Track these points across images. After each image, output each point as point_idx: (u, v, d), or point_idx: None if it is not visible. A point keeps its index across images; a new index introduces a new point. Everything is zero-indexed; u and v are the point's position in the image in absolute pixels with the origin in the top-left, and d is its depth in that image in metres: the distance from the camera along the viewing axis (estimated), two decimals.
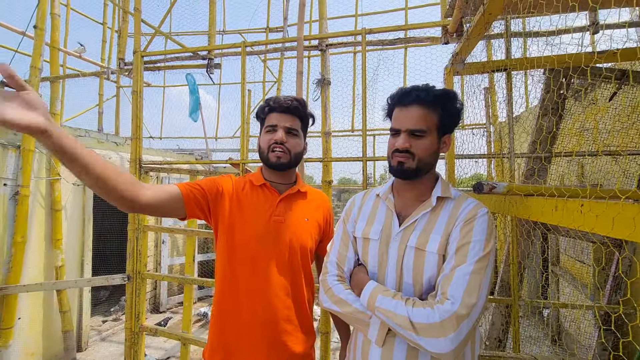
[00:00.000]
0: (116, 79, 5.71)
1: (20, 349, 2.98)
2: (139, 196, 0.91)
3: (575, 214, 0.64)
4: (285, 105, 1.16)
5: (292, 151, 1.16)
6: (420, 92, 0.92)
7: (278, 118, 1.16)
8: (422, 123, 0.90)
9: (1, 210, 2.85)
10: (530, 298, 3.08)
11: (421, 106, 0.91)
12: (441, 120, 0.92)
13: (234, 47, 2.45)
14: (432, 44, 5.21)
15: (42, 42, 3.23)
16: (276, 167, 1.15)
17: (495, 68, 1.60)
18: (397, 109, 0.96)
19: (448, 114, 0.93)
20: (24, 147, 3.02)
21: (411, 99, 0.92)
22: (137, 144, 2.45)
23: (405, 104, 0.93)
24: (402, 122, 0.93)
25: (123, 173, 0.89)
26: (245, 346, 1.09)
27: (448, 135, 0.96)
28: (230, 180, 1.21)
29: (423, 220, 0.92)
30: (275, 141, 1.13)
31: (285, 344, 1.10)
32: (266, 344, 1.09)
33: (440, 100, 0.92)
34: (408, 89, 0.94)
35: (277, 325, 1.09)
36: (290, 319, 1.12)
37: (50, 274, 3.29)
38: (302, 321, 1.15)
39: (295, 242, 1.13)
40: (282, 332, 1.10)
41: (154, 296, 4.86)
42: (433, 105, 0.91)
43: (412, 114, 0.91)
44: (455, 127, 0.99)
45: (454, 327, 0.74)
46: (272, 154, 1.14)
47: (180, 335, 2.39)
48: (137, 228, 2.44)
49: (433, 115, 0.91)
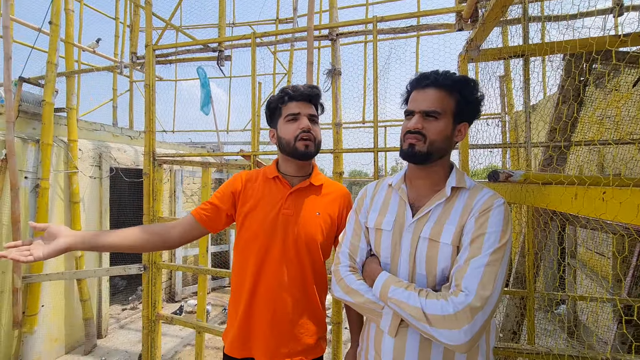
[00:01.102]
0: (129, 74, 5.78)
1: (45, 335, 3.12)
2: (169, 241, 1.13)
3: (597, 202, 0.62)
4: (307, 93, 1.15)
5: (317, 139, 1.16)
6: (439, 75, 0.91)
7: (299, 106, 1.14)
8: (437, 105, 0.89)
9: (23, 202, 2.95)
10: (546, 291, 3.02)
11: (438, 89, 0.90)
12: (458, 106, 0.90)
13: (243, 39, 2.44)
14: (445, 31, 5.07)
15: (57, 37, 3.29)
16: (304, 156, 1.13)
17: (512, 54, 1.54)
18: (415, 92, 0.94)
19: (466, 101, 0.90)
20: (42, 141, 3.10)
21: (429, 82, 0.91)
22: (150, 137, 2.49)
23: (422, 86, 0.92)
24: (417, 103, 0.91)
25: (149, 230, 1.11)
26: (257, 337, 1.12)
27: (465, 123, 0.93)
28: (240, 178, 1.23)
29: (437, 211, 0.91)
30: (303, 129, 1.11)
31: (294, 336, 1.11)
32: (276, 335, 1.10)
33: (458, 85, 0.90)
34: (428, 72, 0.93)
35: (284, 317, 1.11)
36: (298, 311, 1.12)
37: (71, 264, 3.41)
38: (312, 313, 1.16)
39: (303, 236, 1.13)
40: (290, 323, 1.11)
41: (169, 286, 4.99)
42: (450, 89, 0.89)
43: (428, 96, 0.90)
44: (474, 117, 0.96)
45: (468, 319, 0.73)
46: (301, 143, 1.11)
47: (195, 324, 2.45)
48: (152, 220, 2.49)
49: (450, 100, 0.89)
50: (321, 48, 5.67)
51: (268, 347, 1.10)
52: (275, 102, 1.18)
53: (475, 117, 0.96)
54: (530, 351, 1.44)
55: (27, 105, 3.32)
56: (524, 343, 1.62)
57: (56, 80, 3.36)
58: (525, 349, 1.45)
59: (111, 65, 4.46)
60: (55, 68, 3.29)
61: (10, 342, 2.87)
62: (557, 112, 1.64)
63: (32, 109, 3.35)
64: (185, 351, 3.48)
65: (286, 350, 1.10)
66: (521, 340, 1.94)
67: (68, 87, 3.54)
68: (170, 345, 3.57)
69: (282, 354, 1.10)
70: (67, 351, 3.36)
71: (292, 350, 1.11)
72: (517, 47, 1.55)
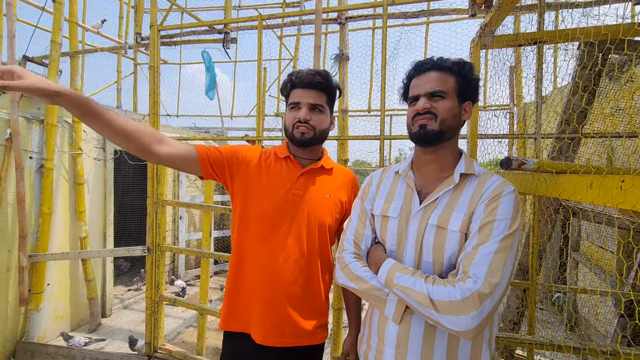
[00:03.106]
0: (133, 56, 5.73)
1: (50, 313, 3.18)
2: (159, 150, 1.00)
3: (614, 190, 0.60)
4: (307, 81, 1.12)
5: (317, 128, 1.14)
6: (436, 59, 0.94)
7: (301, 94, 1.13)
8: (441, 85, 0.90)
9: (28, 182, 2.96)
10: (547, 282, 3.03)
11: (438, 71, 0.92)
12: (459, 86, 0.92)
13: (250, 21, 2.39)
14: (456, 18, 4.95)
15: (61, 16, 3.24)
16: (301, 142, 1.13)
17: (526, 41, 1.50)
18: (415, 79, 0.96)
19: (465, 81, 0.92)
20: (47, 122, 3.10)
21: (428, 66, 0.93)
22: (154, 119, 2.47)
23: (423, 71, 0.94)
24: (420, 87, 0.93)
25: (145, 127, 0.99)
26: (253, 313, 1.10)
27: (469, 102, 0.94)
28: (257, 150, 1.21)
29: (445, 198, 0.89)
30: (299, 120, 1.11)
31: (291, 319, 1.10)
32: (272, 316, 1.09)
33: (456, 65, 0.92)
34: (423, 59, 0.97)
35: (283, 298, 1.09)
36: (298, 295, 1.10)
37: (75, 244, 3.44)
38: (313, 300, 1.14)
39: (313, 218, 1.12)
40: (289, 306, 1.09)
41: (172, 269, 5.06)
42: (450, 70, 0.92)
43: (431, 78, 0.92)
44: (475, 97, 0.97)
45: (477, 305, 0.73)
46: (297, 131, 1.12)
47: (198, 306, 2.48)
48: (156, 202, 2.49)
49: (451, 80, 0.92)
50: (328, 33, 5.56)
51: (264, 325, 1.08)
52: (283, 89, 1.19)
53: (476, 98, 0.97)
54: (531, 341, 1.45)
55: None
56: (524, 334, 1.63)
57: (60, 60, 3.32)
58: (526, 339, 1.46)
59: (115, 46, 4.41)
60: (59, 48, 3.25)
61: (17, 318, 2.93)
62: (569, 103, 1.60)
63: None
64: (187, 332, 3.54)
65: (279, 331, 1.09)
66: (521, 331, 1.95)
67: (72, 68, 3.51)
68: (173, 326, 3.64)
69: (276, 335, 1.08)
70: (73, 329, 3.43)
71: (287, 333, 1.09)
72: (531, 33, 1.50)
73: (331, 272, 1.22)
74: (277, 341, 1.09)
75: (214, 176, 1.15)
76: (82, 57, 5.26)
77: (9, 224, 2.85)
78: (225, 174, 1.15)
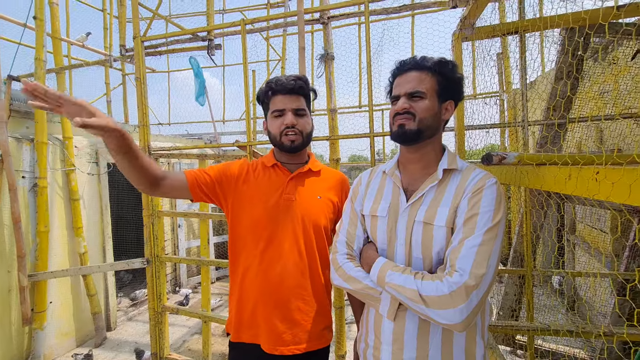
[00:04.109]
0: (121, 67, 5.69)
1: (55, 330, 3.18)
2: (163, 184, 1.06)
3: (590, 182, 0.61)
4: (290, 87, 1.13)
5: (304, 132, 1.16)
6: (418, 59, 0.95)
7: (284, 101, 1.14)
8: (420, 85, 0.92)
9: (22, 201, 2.95)
10: (545, 268, 3.06)
11: (419, 71, 0.93)
12: (440, 85, 0.92)
13: (233, 26, 2.38)
14: (439, 9, 4.94)
15: (43, 32, 3.21)
16: (291, 150, 1.16)
17: (506, 31, 1.51)
18: (397, 78, 0.97)
19: (446, 80, 0.93)
20: (37, 140, 3.08)
21: (409, 66, 0.95)
22: (144, 130, 2.46)
23: (403, 71, 0.95)
24: (401, 87, 0.94)
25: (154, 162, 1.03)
26: (260, 323, 1.12)
27: (451, 102, 0.95)
28: (244, 163, 1.23)
29: (430, 194, 0.91)
30: (287, 125, 1.13)
31: (298, 324, 1.11)
32: (279, 324, 1.10)
33: (437, 65, 0.93)
34: (406, 59, 0.98)
35: (289, 303, 1.11)
36: (303, 297, 1.12)
37: (75, 260, 3.44)
38: (317, 302, 1.15)
39: (307, 220, 1.13)
40: (295, 310, 1.11)
41: (174, 277, 5.06)
42: (430, 70, 0.93)
43: (410, 78, 0.93)
44: (459, 96, 0.97)
45: (464, 298, 0.74)
46: (286, 138, 1.14)
47: (201, 314, 2.49)
48: (152, 214, 2.50)
49: (431, 79, 0.92)
50: (314, 32, 5.55)
51: (272, 333, 1.10)
52: (262, 96, 1.19)
53: (459, 96, 0.98)
54: (529, 327, 1.47)
55: (19, 104, 3.28)
56: (523, 320, 1.66)
57: (46, 77, 3.30)
58: (523, 326, 1.48)
59: (102, 59, 4.38)
60: (44, 65, 3.23)
61: (21, 338, 2.93)
62: (554, 90, 1.61)
63: (24, 107, 3.31)
64: (193, 340, 3.55)
65: (290, 337, 1.10)
66: (520, 317, 1.98)
67: (59, 84, 3.49)
68: (179, 335, 3.65)
69: (286, 342, 1.10)
70: (79, 344, 3.44)
71: (297, 338, 1.11)
72: (511, 23, 1.51)
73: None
74: (287, 349, 1.10)
75: (205, 199, 1.18)
76: (69, 72, 5.23)
77: (7, 245, 2.85)
78: (218, 194, 1.18)
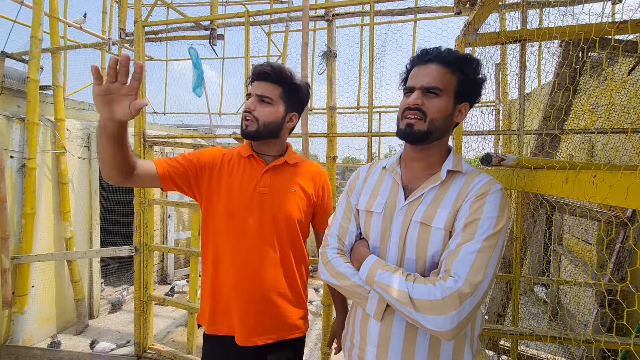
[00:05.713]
0: (118, 52, 5.60)
1: (36, 315, 3.11)
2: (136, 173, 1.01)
3: (587, 185, 0.62)
4: (256, 72, 1.12)
5: (260, 119, 1.11)
6: (442, 51, 0.87)
7: (255, 86, 1.13)
8: (439, 81, 0.84)
9: (9, 182, 2.88)
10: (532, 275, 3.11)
11: (440, 64, 0.86)
12: (459, 85, 0.86)
13: (237, 17, 2.37)
14: (443, 16, 4.99)
15: (40, 10, 3.15)
16: (244, 136, 1.13)
17: (509, 39, 1.53)
18: (415, 68, 0.90)
19: (467, 80, 0.87)
20: (28, 120, 3.01)
21: (431, 57, 0.87)
22: (140, 118, 2.43)
23: (424, 62, 0.88)
24: (417, 79, 0.87)
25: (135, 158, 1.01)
26: (233, 315, 1.11)
27: (466, 104, 0.90)
28: (218, 152, 1.20)
29: (430, 194, 0.87)
30: (245, 109, 1.11)
31: (272, 314, 1.11)
32: (253, 314, 1.10)
33: (461, 62, 0.86)
34: (430, 48, 0.89)
35: (262, 295, 1.10)
36: (277, 289, 1.12)
37: (60, 245, 3.37)
38: (291, 293, 1.15)
39: (279, 214, 1.12)
40: (268, 302, 1.11)
41: (161, 269, 5.00)
42: (453, 66, 0.85)
43: (430, 71, 0.86)
44: (475, 99, 0.92)
45: (456, 305, 0.70)
46: (243, 122, 1.12)
47: (187, 305, 2.47)
48: (143, 201, 2.46)
49: (452, 77, 0.85)
50: (317, 30, 5.55)
51: (246, 324, 1.09)
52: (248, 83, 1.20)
53: (476, 99, 0.92)
54: (514, 332, 1.49)
55: (11, 82, 3.20)
56: (508, 325, 1.68)
57: (41, 56, 3.23)
58: (509, 330, 1.50)
59: (99, 42, 4.31)
60: (39, 43, 3.16)
61: (1, 321, 2.86)
62: (551, 101, 1.64)
63: (16, 85, 3.24)
64: (177, 331, 3.52)
65: (262, 328, 1.10)
66: (505, 323, 2.01)
67: (54, 64, 3.41)
68: (163, 326, 3.61)
69: (259, 332, 1.10)
70: (59, 331, 3.37)
71: (270, 329, 1.11)
72: (515, 31, 1.53)
73: (306, 264, 1.24)
74: (260, 339, 1.10)
75: (174, 188, 1.14)
76: (65, 54, 5.11)
77: None
78: (191, 185, 1.15)
